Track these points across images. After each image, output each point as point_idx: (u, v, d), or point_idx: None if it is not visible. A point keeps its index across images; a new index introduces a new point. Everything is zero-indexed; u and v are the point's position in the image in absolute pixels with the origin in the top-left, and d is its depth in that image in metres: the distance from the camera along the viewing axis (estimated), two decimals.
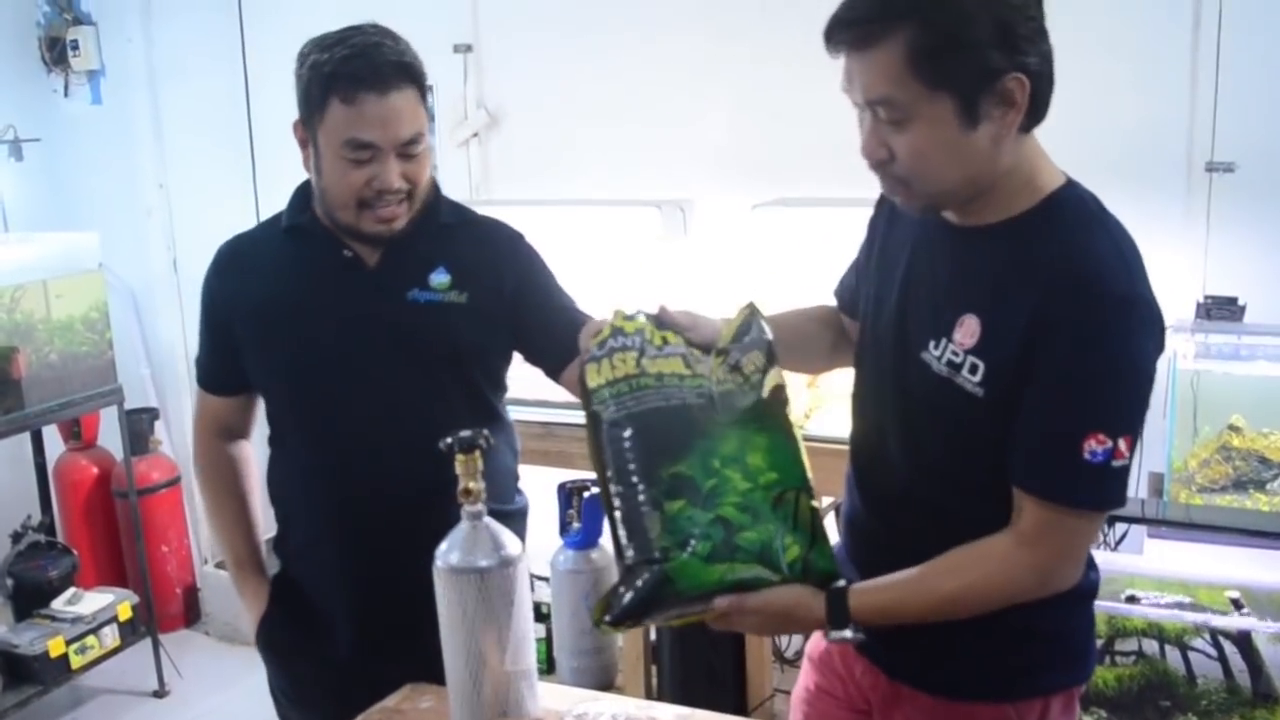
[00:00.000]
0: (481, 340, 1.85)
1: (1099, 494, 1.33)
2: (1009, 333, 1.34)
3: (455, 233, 1.86)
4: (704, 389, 1.48)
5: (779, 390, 1.47)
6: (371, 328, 1.79)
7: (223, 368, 1.92)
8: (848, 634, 1.39)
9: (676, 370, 1.49)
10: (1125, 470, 1.32)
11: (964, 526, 1.39)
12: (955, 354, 1.40)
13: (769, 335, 1.50)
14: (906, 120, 1.32)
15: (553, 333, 1.87)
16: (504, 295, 1.85)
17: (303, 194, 1.86)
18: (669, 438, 1.44)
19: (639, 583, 1.38)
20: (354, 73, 1.67)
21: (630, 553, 1.40)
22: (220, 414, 1.98)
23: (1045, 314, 1.31)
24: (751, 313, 1.53)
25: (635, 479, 1.42)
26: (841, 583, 1.41)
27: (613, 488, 1.43)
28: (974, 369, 1.37)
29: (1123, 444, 1.30)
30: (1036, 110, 1.35)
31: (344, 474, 1.81)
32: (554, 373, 1.93)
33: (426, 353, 1.81)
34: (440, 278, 1.81)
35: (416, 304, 1.80)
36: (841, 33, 1.33)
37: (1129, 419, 1.32)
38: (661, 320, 1.53)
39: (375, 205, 1.72)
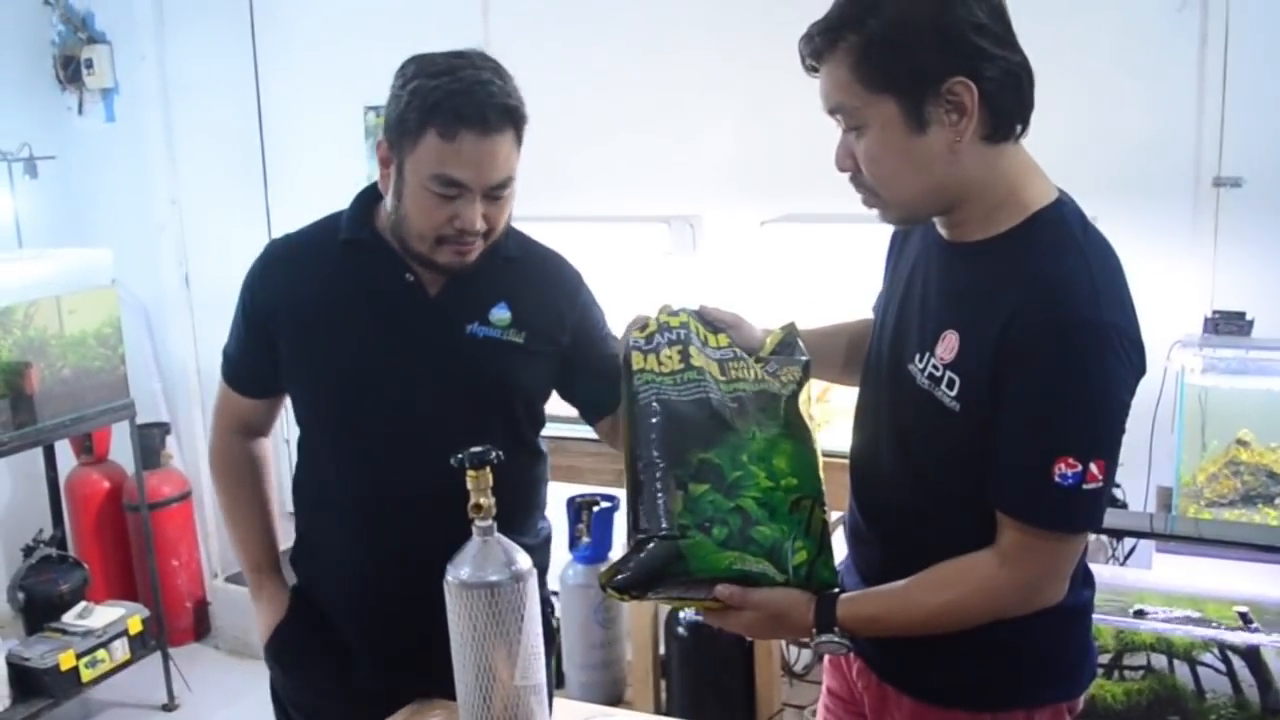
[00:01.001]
0: (531, 381, 1.85)
1: (1071, 517, 1.34)
2: (981, 350, 1.36)
3: (520, 267, 1.83)
4: (739, 394, 1.56)
5: (806, 406, 1.56)
6: (425, 356, 1.77)
7: (255, 369, 1.88)
8: (834, 639, 1.42)
9: (714, 374, 1.57)
10: (1099, 493, 1.32)
11: (952, 538, 1.41)
12: (936, 368, 1.43)
13: (806, 356, 1.60)
14: (861, 127, 1.38)
15: (599, 382, 1.86)
16: (559, 340, 1.85)
17: (363, 205, 1.82)
18: (702, 427, 1.51)
19: (652, 553, 1.43)
20: (457, 109, 1.62)
21: (645, 524, 1.44)
22: (244, 413, 1.95)
23: (1011, 336, 1.33)
24: (791, 332, 1.64)
25: (659, 457, 1.48)
26: (834, 590, 1.46)
27: (639, 463, 1.49)
28: (951, 384, 1.40)
29: (1094, 467, 1.31)
30: (1000, 120, 1.36)
31: (373, 492, 1.79)
32: (590, 419, 1.97)
33: (477, 387, 1.79)
34: (501, 313, 1.80)
35: (475, 338, 1.78)
36: (804, 53, 1.41)
37: (1099, 443, 1.32)
38: (704, 316, 1.64)
39: (452, 241, 1.69)
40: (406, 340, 1.77)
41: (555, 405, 2.78)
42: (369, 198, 1.81)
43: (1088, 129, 2.94)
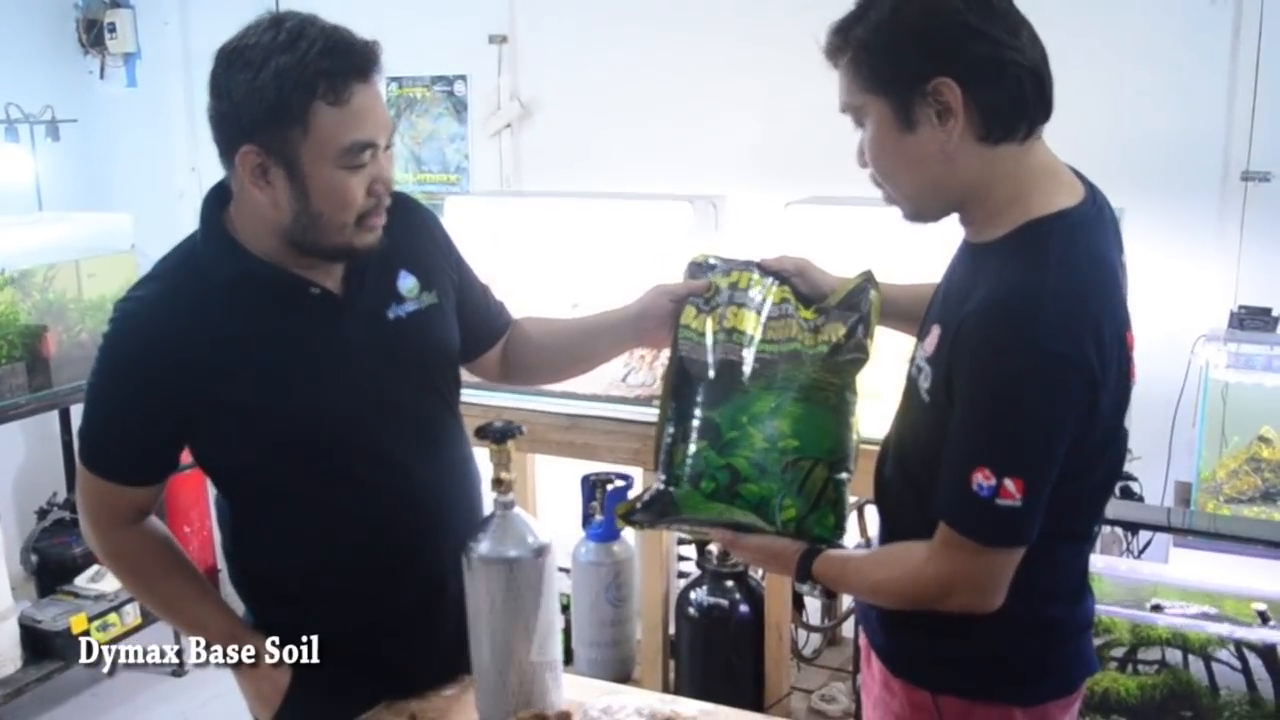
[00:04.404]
0: (455, 337, 1.78)
1: (984, 528, 1.35)
2: (944, 351, 1.40)
3: (390, 225, 1.63)
4: (767, 354, 1.62)
5: (854, 366, 1.61)
6: (366, 363, 1.64)
7: (152, 455, 1.66)
8: (806, 589, 1.58)
9: (749, 330, 1.64)
10: (1015, 512, 1.32)
11: (925, 522, 1.42)
12: (921, 361, 1.48)
13: (865, 308, 1.62)
14: (864, 125, 1.44)
15: (481, 311, 1.86)
16: (454, 280, 1.80)
17: (219, 229, 1.61)
18: (714, 387, 1.61)
19: (653, 498, 1.60)
20: (336, 67, 1.46)
21: (659, 470, 1.61)
22: (137, 503, 1.69)
23: (957, 343, 1.36)
24: (865, 280, 1.66)
25: (678, 411, 1.62)
26: (821, 547, 1.55)
27: (668, 414, 1.63)
28: (927, 377, 1.45)
29: (1010, 484, 1.31)
30: (994, 122, 1.36)
31: (379, 508, 1.66)
32: (474, 355, 1.88)
33: (421, 368, 1.71)
34: (407, 282, 1.69)
35: (401, 320, 1.67)
36: (826, 52, 1.46)
37: (1018, 461, 1.32)
38: (765, 268, 1.71)
39: (370, 214, 1.55)
40: (345, 358, 1.63)
41: (572, 383, 2.79)
42: (223, 231, 1.61)
43: (1117, 122, 2.92)
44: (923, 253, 1.61)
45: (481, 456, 1.71)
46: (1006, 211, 1.40)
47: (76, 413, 3.95)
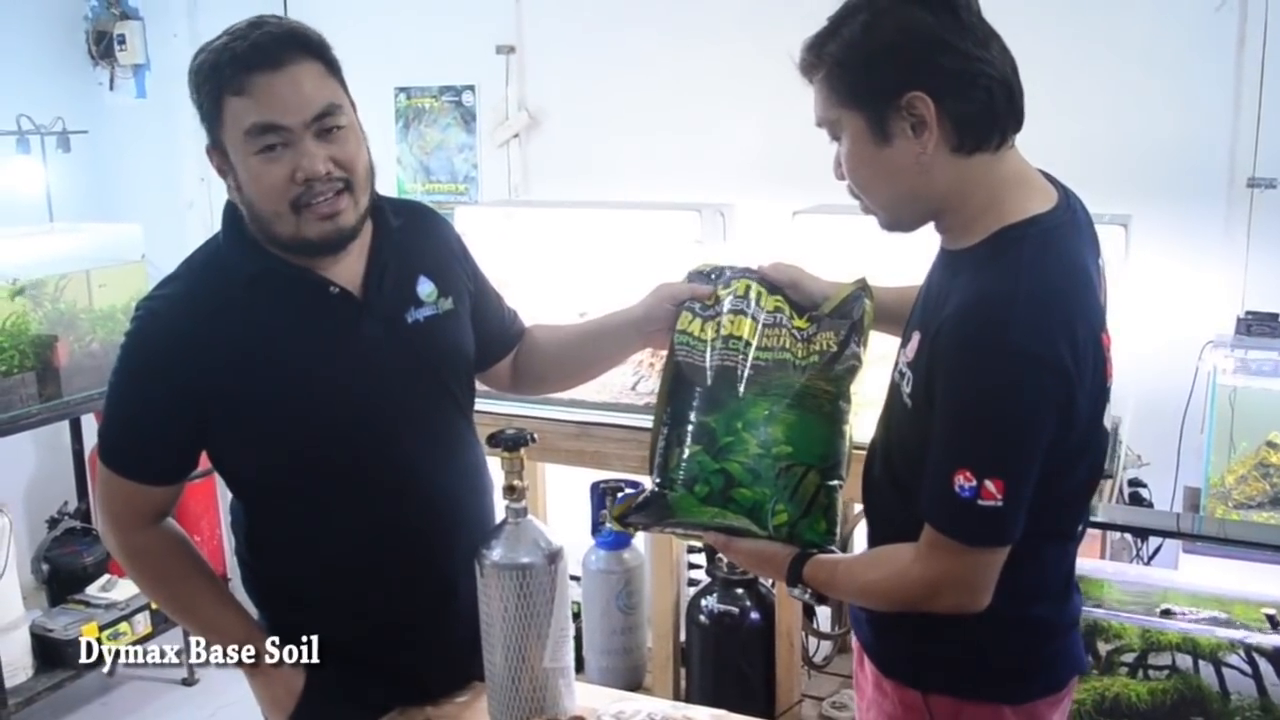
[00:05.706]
0: (470, 343, 1.79)
1: (967, 528, 1.37)
2: (924, 355, 1.43)
3: (408, 231, 1.71)
4: (761, 362, 1.62)
5: (849, 375, 1.61)
6: (386, 364, 1.65)
7: (175, 454, 1.65)
8: (797, 593, 1.56)
9: (746, 336, 1.64)
10: (997, 512, 1.34)
11: (910, 524, 1.44)
12: (904, 366, 1.50)
13: (858, 315, 1.63)
14: (840, 138, 1.46)
15: (494, 320, 1.87)
16: (470, 288, 1.81)
17: (239, 230, 1.63)
18: (710, 393, 1.62)
19: (647, 501, 1.62)
20: (235, 59, 1.50)
21: (654, 473, 1.63)
22: (158, 503, 1.68)
23: (936, 347, 1.39)
24: (860, 288, 1.67)
25: (674, 416, 1.63)
26: (812, 551, 1.56)
27: (664, 418, 1.64)
28: (909, 381, 1.47)
29: (990, 485, 1.33)
30: (967, 133, 1.39)
31: (394, 512, 1.66)
32: (489, 364, 1.90)
33: (438, 371, 1.73)
34: (426, 287, 1.71)
35: (419, 324, 1.69)
36: (800, 68, 1.49)
37: (998, 463, 1.34)
38: (763, 277, 1.72)
39: (311, 203, 1.54)
40: (364, 359, 1.64)
41: (582, 392, 2.80)
42: (239, 222, 1.62)
43: (1123, 129, 2.93)
44: (929, 260, 1.62)
45: (492, 464, 1.72)
46: (981, 219, 1.42)
47: (87, 422, 4.02)
